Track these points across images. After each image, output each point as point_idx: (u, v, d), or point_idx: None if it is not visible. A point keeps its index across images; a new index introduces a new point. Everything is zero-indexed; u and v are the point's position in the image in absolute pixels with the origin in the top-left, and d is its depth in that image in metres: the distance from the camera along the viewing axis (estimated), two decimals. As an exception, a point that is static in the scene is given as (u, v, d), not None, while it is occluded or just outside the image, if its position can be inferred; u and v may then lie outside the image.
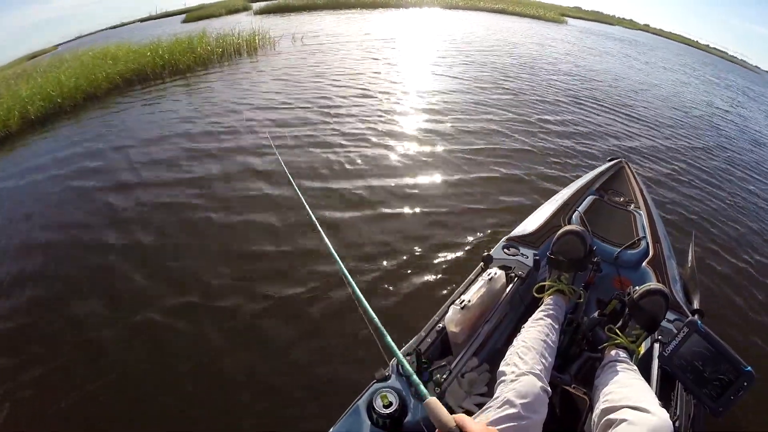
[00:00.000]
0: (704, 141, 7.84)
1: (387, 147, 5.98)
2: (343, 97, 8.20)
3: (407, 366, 1.32)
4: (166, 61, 11.63)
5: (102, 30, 41.75)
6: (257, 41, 14.79)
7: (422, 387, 1.19)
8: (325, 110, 7.44)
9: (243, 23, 17.74)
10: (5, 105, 8.45)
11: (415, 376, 1.25)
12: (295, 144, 5.96)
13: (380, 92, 8.61)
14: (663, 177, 5.82)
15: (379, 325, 1.47)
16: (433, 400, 1.08)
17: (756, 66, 49.68)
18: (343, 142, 6.02)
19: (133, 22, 43.41)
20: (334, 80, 9.60)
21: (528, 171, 5.45)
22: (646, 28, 61.67)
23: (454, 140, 6.26)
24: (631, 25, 60.45)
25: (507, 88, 9.46)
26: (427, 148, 5.96)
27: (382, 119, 6.99)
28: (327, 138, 6.18)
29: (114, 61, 11.29)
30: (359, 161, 5.51)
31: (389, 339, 1.42)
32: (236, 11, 33.19)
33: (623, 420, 1.34)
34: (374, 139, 6.22)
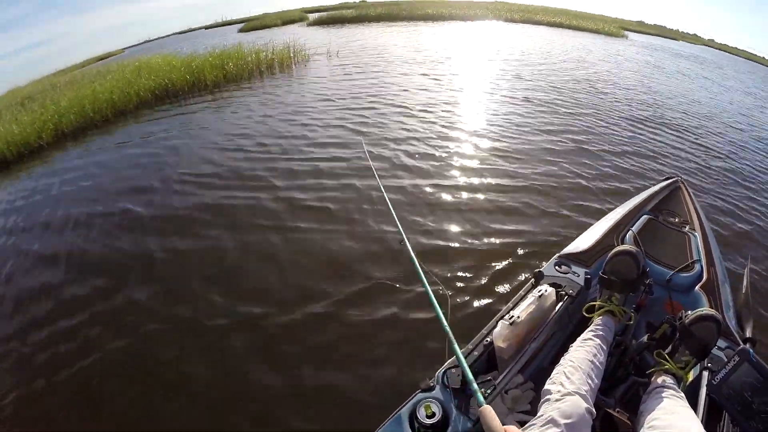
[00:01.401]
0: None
1: (442, 168, 6.02)
2: (383, 121, 8.05)
3: (469, 373, 1.35)
4: (196, 78, 11.77)
5: (168, 35, 43.55)
6: (291, 57, 14.72)
7: (480, 394, 1.23)
8: (360, 130, 7.46)
9: (291, 35, 18.02)
10: (43, 117, 8.92)
11: (475, 384, 1.29)
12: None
13: (426, 112, 8.51)
14: (721, 199, 5.61)
15: (450, 333, 1.50)
16: (488, 408, 1.12)
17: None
18: (385, 170, 5.96)
19: (199, 28, 45.10)
20: (368, 102, 9.31)
21: (588, 189, 5.42)
22: (710, 43, 59.44)
23: (513, 160, 6.22)
24: (694, 39, 58.25)
25: (571, 111, 9.16)
26: (485, 169, 5.96)
27: (435, 142, 6.94)
28: (361, 163, 6.10)
29: (149, 74, 11.58)
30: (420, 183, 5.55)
31: (457, 348, 1.46)
32: (292, 22, 33.95)
33: None
34: (423, 161, 6.29)
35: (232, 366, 3.00)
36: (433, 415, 1.58)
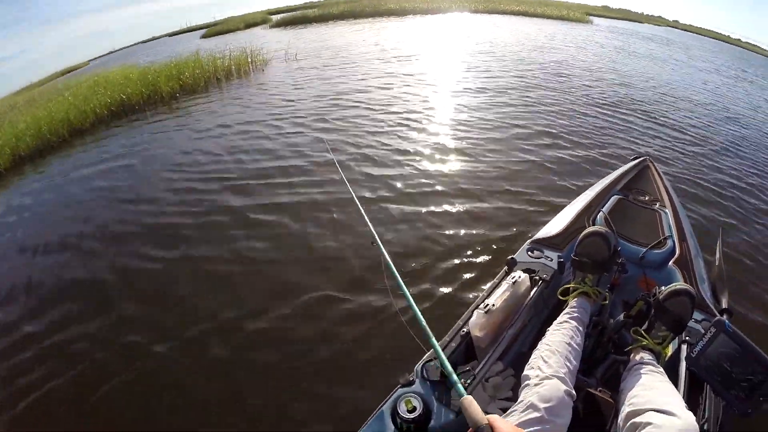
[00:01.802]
0: (737, 141, 7.55)
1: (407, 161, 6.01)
2: (343, 124, 7.67)
3: (448, 365, 1.33)
4: (151, 91, 11.26)
5: (132, 45, 42.92)
6: (249, 62, 14.18)
7: (460, 385, 1.20)
8: (320, 136, 7.14)
9: (252, 39, 17.82)
10: (0, 142, 8.54)
11: (454, 375, 1.26)
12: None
13: (390, 111, 8.27)
14: (689, 174, 5.70)
15: (426, 327, 1.47)
16: (468, 398, 1.09)
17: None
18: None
19: (162, 36, 44.45)
20: (327, 105, 8.91)
21: (560, 174, 5.45)
22: (675, 25, 60.31)
23: (482, 152, 6.15)
24: (660, 21, 59.09)
25: (540, 100, 9.01)
26: (455, 163, 5.93)
27: (401, 139, 6.81)
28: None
29: (105, 89, 11.17)
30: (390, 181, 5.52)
31: (434, 341, 1.42)
32: (255, 24, 33.60)
33: (648, 423, 1.33)
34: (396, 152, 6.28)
35: (223, 370, 2.98)
36: (414, 409, 1.56)
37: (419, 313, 1.51)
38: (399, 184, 5.25)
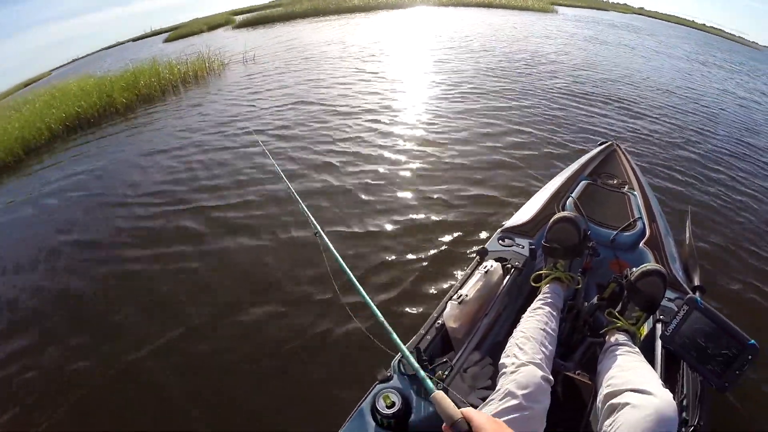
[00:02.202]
0: (704, 124, 7.74)
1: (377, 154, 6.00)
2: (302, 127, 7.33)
3: (413, 361, 1.30)
4: (107, 102, 10.79)
5: (96, 52, 42.00)
6: (206, 67, 13.62)
7: (428, 381, 1.18)
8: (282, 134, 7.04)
9: (213, 41, 17.69)
10: None
11: (422, 371, 1.24)
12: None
13: (351, 111, 8.01)
14: (657, 157, 5.80)
15: (384, 322, 1.43)
16: (439, 394, 1.07)
17: (754, 42, 49.21)
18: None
19: (126, 41, 43.64)
20: (285, 108, 8.55)
21: (531, 164, 5.44)
22: (641, 12, 61.29)
23: (447, 149, 6.02)
24: (625, 9, 59.98)
25: (511, 94, 8.86)
26: (421, 160, 5.80)
27: (363, 138, 6.64)
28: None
29: (61, 103, 10.71)
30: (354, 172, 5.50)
31: (395, 336, 1.39)
32: (218, 26, 32.95)
33: (626, 404, 1.34)
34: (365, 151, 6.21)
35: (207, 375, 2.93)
36: (393, 404, 1.55)
37: (377, 311, 1.46)
38: (362, 184, 5.17)
